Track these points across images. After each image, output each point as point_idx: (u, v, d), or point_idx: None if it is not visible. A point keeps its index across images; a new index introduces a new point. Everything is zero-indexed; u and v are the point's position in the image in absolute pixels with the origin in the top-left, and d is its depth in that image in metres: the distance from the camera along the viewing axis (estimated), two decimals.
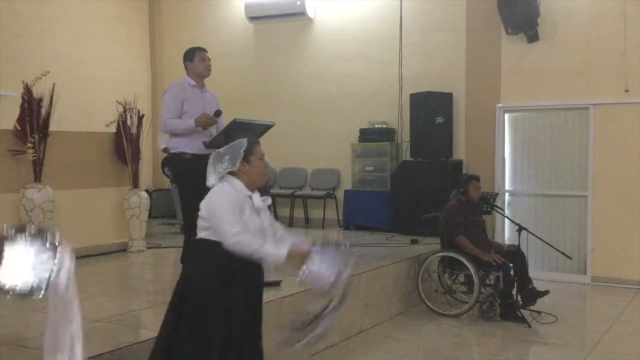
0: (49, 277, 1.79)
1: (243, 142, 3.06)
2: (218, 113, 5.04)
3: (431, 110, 8.07)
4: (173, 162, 5.34)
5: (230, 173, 3.05)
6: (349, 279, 2.89)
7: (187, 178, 4.98)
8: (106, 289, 5.26)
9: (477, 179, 6.21)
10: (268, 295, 4.64)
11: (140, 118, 6.80)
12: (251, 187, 3.08)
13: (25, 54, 8.22)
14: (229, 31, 9.85)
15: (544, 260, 7.59)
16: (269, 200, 3.19)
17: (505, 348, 5.18)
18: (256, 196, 3.08)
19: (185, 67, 5.24)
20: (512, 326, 5.65)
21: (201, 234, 3.03)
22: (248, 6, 9.51)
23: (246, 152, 3.05)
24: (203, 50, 5.26)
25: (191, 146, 5.01)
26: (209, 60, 5.24)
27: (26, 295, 1.77)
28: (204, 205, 3.01)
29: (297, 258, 2.83)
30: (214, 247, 2.95)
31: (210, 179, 3.07)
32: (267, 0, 9.36)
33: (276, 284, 4.94)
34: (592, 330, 5.90)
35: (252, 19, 9.57)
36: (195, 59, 5.19)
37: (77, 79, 8.56)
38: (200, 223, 3.04)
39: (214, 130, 5.11)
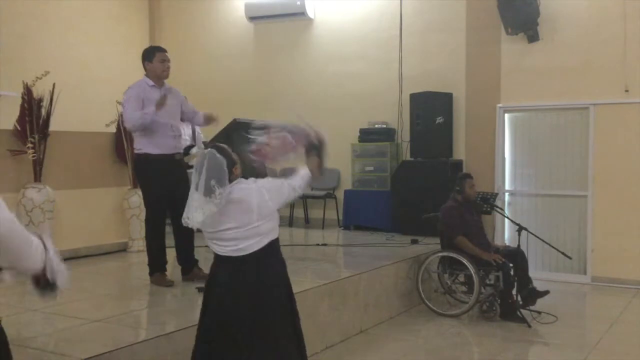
0: None
1: (219, 161, 2.93)
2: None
3: (431, 110, 8.07)
4: (138, 163, 5.16)
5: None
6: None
7: (152, 179, 4.96)
8: (106, 289, 5.25)
9: (470, 176, 6.26)
10: None
11: None
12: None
13: (25, 54, 8.22)
14: (229, 31, 9.84)
15: (544, 260, 7.58)
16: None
17: (505, 348, 5.18)
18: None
19: (144, 68, 5.09)
20: (512, 326, 5.65)
21: (262, 239, 3.01)
22: (248, 6, 9.51)
23: (229, 165, 2.98)
24: (163, 50, 5.10)
25: (156, 146, 4.93)
26: (169, 61, 5.08)
27: None
28: (258, 212, 2.97)
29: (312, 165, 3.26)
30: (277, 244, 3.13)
31: (199, 216, 2.91)
32: (267, 0, 9.36)
33: None
34: (592, 330, 5.90)
35: (252, 19, 9.57)
36: (154, 60, 5.03)
37: (77, 79, 8.55)
38: (253, 231, 2.98)
39: (189, 133, 5.01)
